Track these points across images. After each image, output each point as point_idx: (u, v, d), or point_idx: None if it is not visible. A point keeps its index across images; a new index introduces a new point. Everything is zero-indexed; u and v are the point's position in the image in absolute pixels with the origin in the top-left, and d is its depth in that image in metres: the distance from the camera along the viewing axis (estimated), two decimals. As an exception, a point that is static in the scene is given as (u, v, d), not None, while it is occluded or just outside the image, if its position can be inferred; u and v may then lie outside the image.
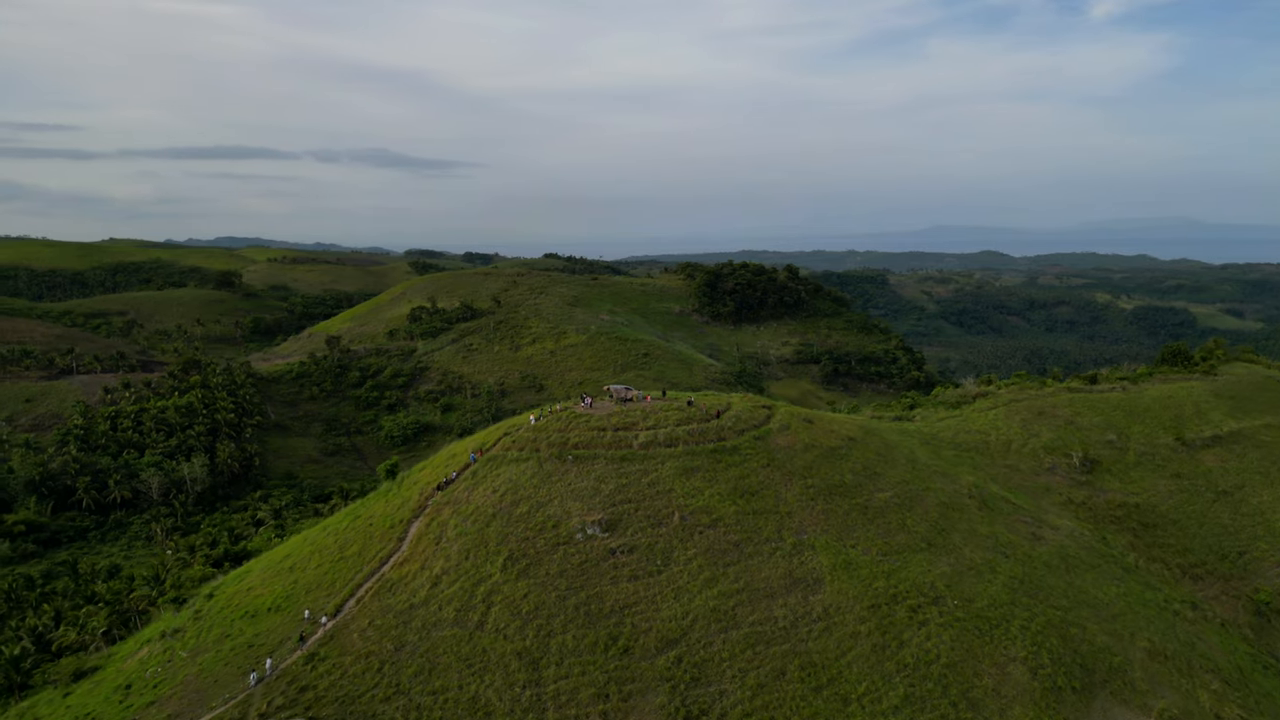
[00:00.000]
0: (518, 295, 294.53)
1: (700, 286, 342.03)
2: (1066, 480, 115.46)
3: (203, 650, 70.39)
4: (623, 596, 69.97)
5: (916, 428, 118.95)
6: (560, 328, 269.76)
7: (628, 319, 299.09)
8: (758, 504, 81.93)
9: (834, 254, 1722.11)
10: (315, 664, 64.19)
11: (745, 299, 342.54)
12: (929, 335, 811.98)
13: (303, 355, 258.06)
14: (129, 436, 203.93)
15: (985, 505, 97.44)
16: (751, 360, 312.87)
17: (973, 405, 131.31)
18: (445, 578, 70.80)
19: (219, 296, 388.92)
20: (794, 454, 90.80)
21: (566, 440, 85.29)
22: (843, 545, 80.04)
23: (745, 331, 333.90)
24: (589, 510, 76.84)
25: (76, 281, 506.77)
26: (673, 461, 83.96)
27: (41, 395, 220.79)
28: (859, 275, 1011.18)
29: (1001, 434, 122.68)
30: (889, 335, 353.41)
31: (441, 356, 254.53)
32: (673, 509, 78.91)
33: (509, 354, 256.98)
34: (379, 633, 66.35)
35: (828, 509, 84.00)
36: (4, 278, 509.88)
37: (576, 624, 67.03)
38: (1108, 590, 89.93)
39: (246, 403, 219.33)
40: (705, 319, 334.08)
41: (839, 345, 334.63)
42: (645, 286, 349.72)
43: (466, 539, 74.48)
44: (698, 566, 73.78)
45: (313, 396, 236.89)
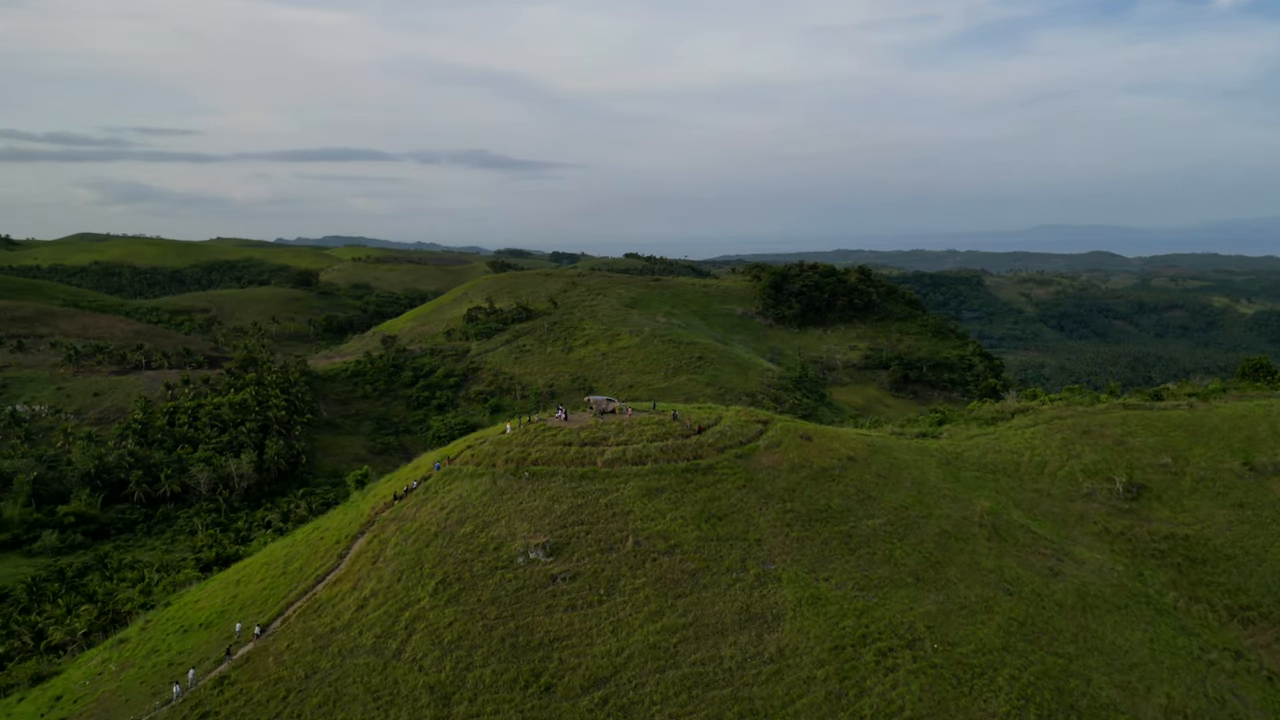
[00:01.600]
0: (575, 296, 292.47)
1: (765, 288, 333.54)
2: (1106, 508, 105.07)
3: (130, 665, 68.91)
4: (556, 628, 65.28)
5: (939, 446, 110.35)
6: (614, 329, 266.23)
7: (686, 321, 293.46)
8: (724, 529, 76.03)
9: (932, 254, 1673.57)
10: (224, 688, 61.63)
11: (812, 301, 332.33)
12: (1025, 339, 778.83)
13: (360, 354, 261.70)
14: (185, 432, 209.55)
15: (997, 534, 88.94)
16: (815, 365, 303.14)
17: (1010, 422, 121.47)
18: (373, 600, 67.44)
19: (296, 295, 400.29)
20: (777, 474, 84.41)
21: (527, 455, 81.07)
22: (814, 578, 73.46)
23: (810, 335, 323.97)
24: (535, 532, 72.41)
25: (175, 279, 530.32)
26: (637, 481, 78.78)
27: (109, 390, 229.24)
28: (952, 276, 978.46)
29: (1037, 454, 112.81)
30: (965, 340, 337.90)
31: (494, 357, 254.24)
32: (628, 533, 73.77)
33: (561, 355, 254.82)
34: (294, 657, 63.38)
35: (804, 536, 77.44)
36: (110, 275, 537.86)
37: (499, 657, 62.68)
38: (1130, 635, 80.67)
39: (299, 400, 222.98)
40: (769, 321, 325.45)
41: (910, 350, 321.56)
42: (708, 288, 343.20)
43: (404, 559, 71.02)
44: (644, 598, 68.49)
45: (365, 395, 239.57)
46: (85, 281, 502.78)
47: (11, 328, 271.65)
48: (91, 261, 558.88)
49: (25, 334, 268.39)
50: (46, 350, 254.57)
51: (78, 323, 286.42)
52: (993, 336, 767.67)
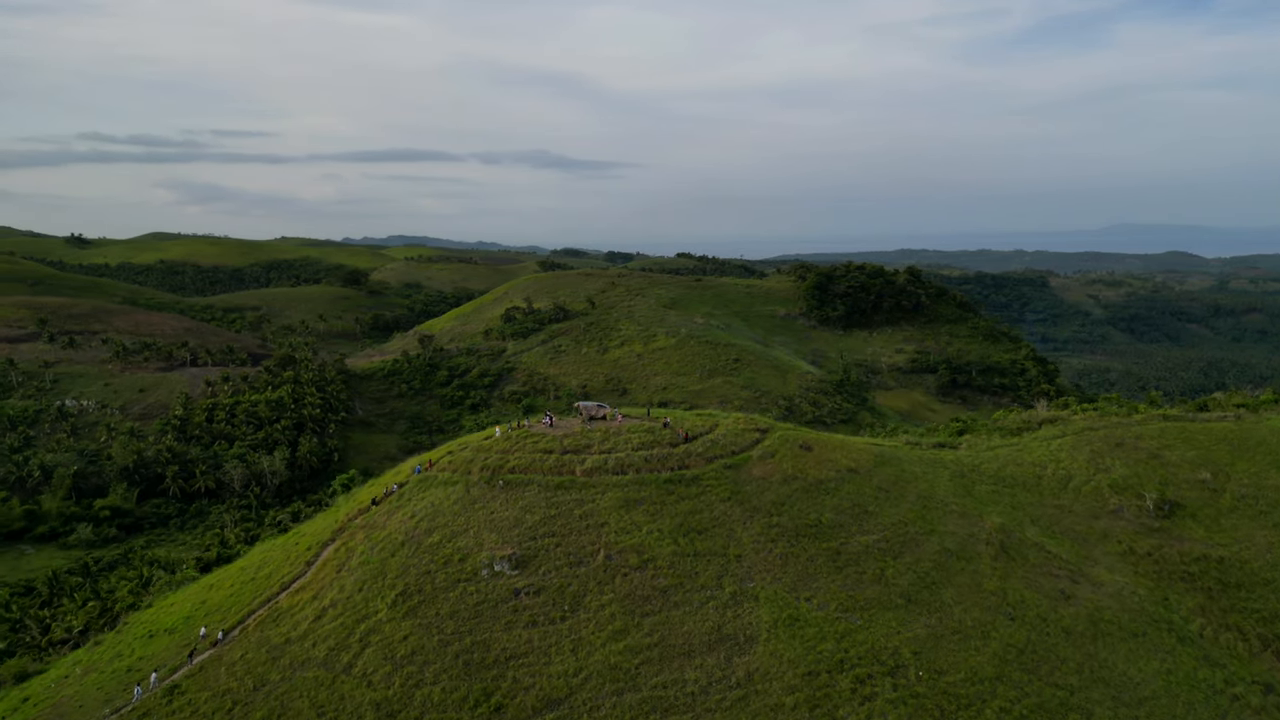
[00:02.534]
0: (614, 297, 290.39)
1: (809, 288, 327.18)
2: (1133, 526, 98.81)
3: (94, 668, 68.56)
4: (514, 645, 62.90)
5: (956, 457, 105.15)
6: (651, 330, 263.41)
7: (726, 322, 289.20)
8: (703, 544, 72.79)
9: (999, 254, 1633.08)
10: (174, 697, 60.64)
11: (857, 302, 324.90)
12: (1092, 343, 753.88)
13: (399, 353, 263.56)
14: (222, 428, 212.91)
15: (1005, 553, 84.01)
16: (859, 368, 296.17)
17: (1036, 432, 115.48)
18: (331, 611, 65.90)
19: (345, 293, 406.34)
20: (767, 486, 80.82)
21: (505, 463, 78.88)
22: (795, 597, 69.82)
23: (856, 337, 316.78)
24: (503, 544, 70.15)
25: (235, 277, 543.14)
26: (615, 491, 75.99)
27: (154, 386, 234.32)
28: (1015, 277, 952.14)
29: (1062, 467, 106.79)
30: (1018, 344, 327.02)
31: (529, 357, 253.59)
32: (599, 546, 71.06)
33: (596, 356, 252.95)
34: (245, 668, 62.13)
35: (789, 553, 73.78)
36: (174, 273, 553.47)
37: (451, 674, 60.52)
38: (1145, 665, 75.30)
39: (334, 398, 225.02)
40: (812, 323, 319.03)
41: (960, 354, 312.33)
42: (750, 288, 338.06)
43: (368, 568, 69.39)
44: (609, 615, 65.70)
45: (401, 394, 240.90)
46: (149, 279, 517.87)
47: (67, 324, 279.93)
48: (157, 260, 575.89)
49: (80, 330, 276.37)
50: (98, 347, 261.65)
51: (130, 320, 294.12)
52: (1057, 340, 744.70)
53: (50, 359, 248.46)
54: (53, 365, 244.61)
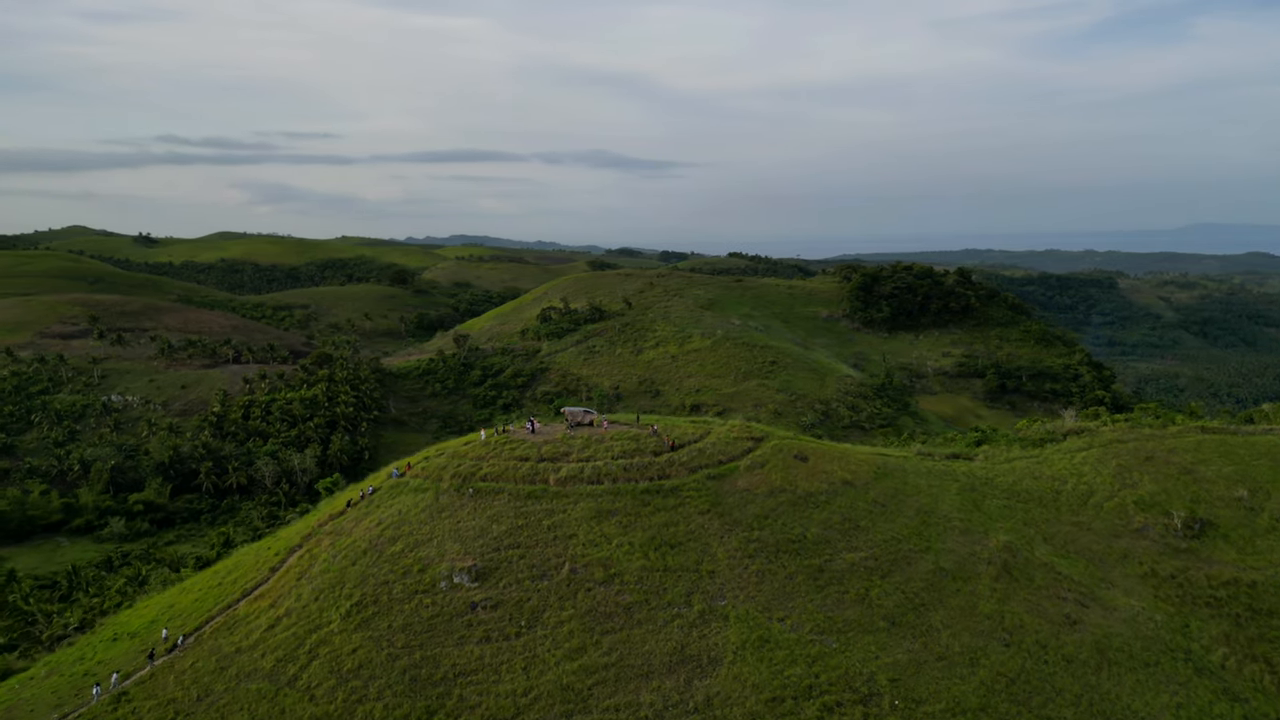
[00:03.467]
0: (651, 297, 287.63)
1: (854, 289, 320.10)
2: (1158, 546, 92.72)
3: (57, 670, 68.35)
4: (464, 662, 60.74)
5: (968, 469, 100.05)
6: (686, 331, 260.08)
7: (765, 323, 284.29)
8: (675, 559, 69.77)
9: (1068, 254, 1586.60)
10: (120, 705, 59.87)
11: (903, 304, 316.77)
12: (1162, 347, 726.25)
13: (434, 352, 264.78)
14: (257, 425, 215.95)
15: (1007, 574, 79.23)
16: (903, 372, 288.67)
17: (1060, 444, 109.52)
18: (285, 620, 64.53)
19: (391, 292, 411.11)
20: (752, 499, 77.38)
21: (477, 470, 76.83)
22: (767, 617, 66.38)
23: (901, 340, 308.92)
24: (465, 554, 68.08)
25: (291, 276, 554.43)
26: (588, 502, 73.38)
27: (196, 383, 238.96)
28: (1082, 278, 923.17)
29: (1084, 481, 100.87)
30: (1072, 349, 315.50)
31: (563, 358, 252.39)
32: (565, 559, 68.53)
33: (630, 357, 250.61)
34: (193, 677, 61.08)
35: (766, 570, 70.33)
36: (234, 271, 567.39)
37: (396, 690, 58.61)
38: (1154, 699, 70.16)
39: (367, 397, 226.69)
40: (856, 325, 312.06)
41: (1010, 358, 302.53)
42: (792, 289, 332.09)
43: (328, 576, 67.95)
44: (568, 632, 63.14)
45: (434, 393, 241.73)
46: (209, 278, 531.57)
47: (120, 321, 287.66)
48: (218, 259, 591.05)
49: (131, 327, 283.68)
50: (146, 344, 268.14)
51: (180, 317, 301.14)
52: (1125, 344, 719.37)
53: (99, 355, 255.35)
54: (101, 361, 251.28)
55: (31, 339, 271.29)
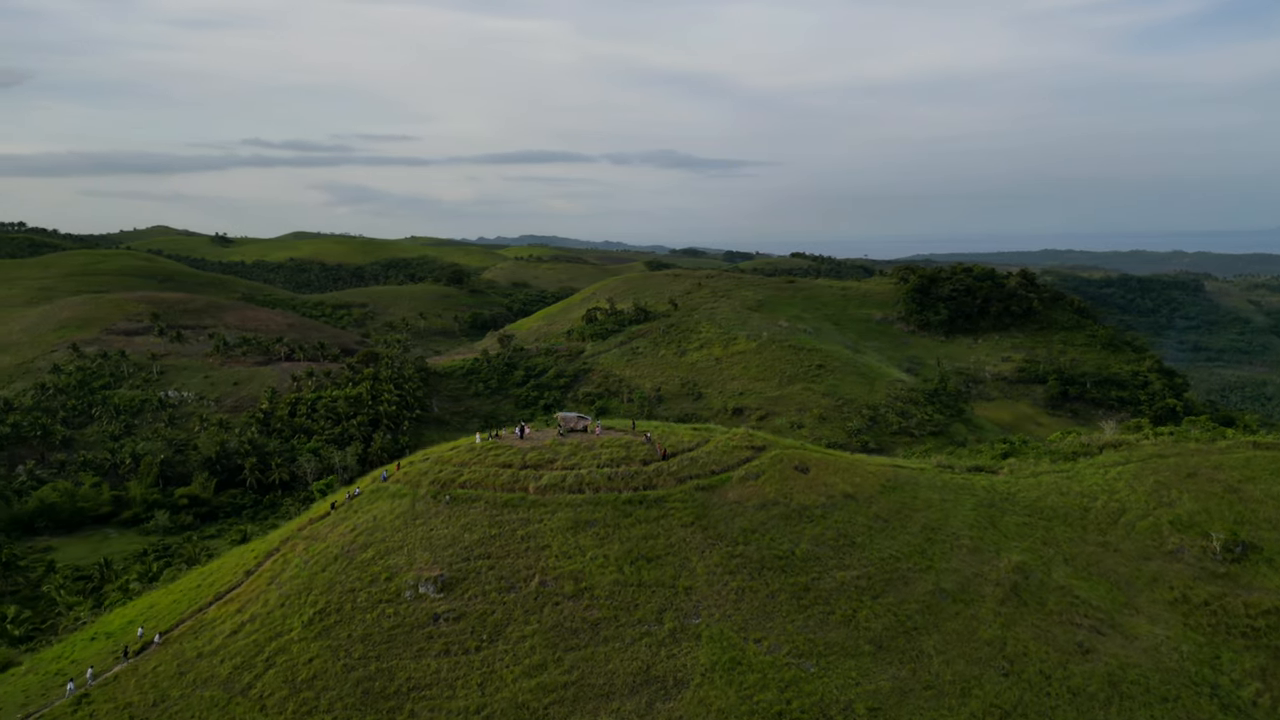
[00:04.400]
0: (698, 298, 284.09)
1: (910, 291, 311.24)
2: (1193, 570, 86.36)
3: (36, 668, 68.94)
4: (420, 675, 59.09)
5: (989, 483, 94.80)
6: (731, 333, 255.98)
7: (815, 326, 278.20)
8: (651, 573, 67.05)
9: (1154, 255, 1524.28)
10: (81, 706, 59.81)
11: (961, 306, 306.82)
12: (1251, 353, 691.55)
13: (480, 352, 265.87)
14: (302, 422, 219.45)
15: (1016, 596, 74.45)
16: (959, 376, 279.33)
17: (1095, 458, 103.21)
18: (249, 626, 63.80)
19: (447, 292, 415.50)
20: (741, 512, 74.13)
21: (458, 476, 75.23)
22: (743, 637, 63.21)
23: (958, 344, 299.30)
24: (434, 564, 66.48)
25: (356, 275, 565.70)
26: (566, 512, 71.13)
27: (248, 380, 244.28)
28: (1165, 280, 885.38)
29: (1116, 498, 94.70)
30: (1142, 355, 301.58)
31: (607, 359, 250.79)
32: (535, 571, 66.40)
33: (674, 359, 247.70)
34: (153, 681, 60.72)
35: (747, 587, 67.10)
36: (302, 270, 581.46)
37: (347, 704, 57.24)
38: (1169, 739, 64.95)
39: (410, 396, 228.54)
40: (911, 328, 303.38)
41: (1074, 364, 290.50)
42: (846, 290, 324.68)
43: (296, 582, 67.07)
44: (530, 648, 60.99)
45: (477, 393, 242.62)
46: (278, 277, 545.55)
47: (182, 319, 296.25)
48: (287, 258, 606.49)
49: (192, 325, 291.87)
50: (204, 341, 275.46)
51: (239, 315, 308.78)
52: (1210, 349, 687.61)
53: (159, 352, 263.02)
54: (160, 358, 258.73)
55: (98, 335, 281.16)
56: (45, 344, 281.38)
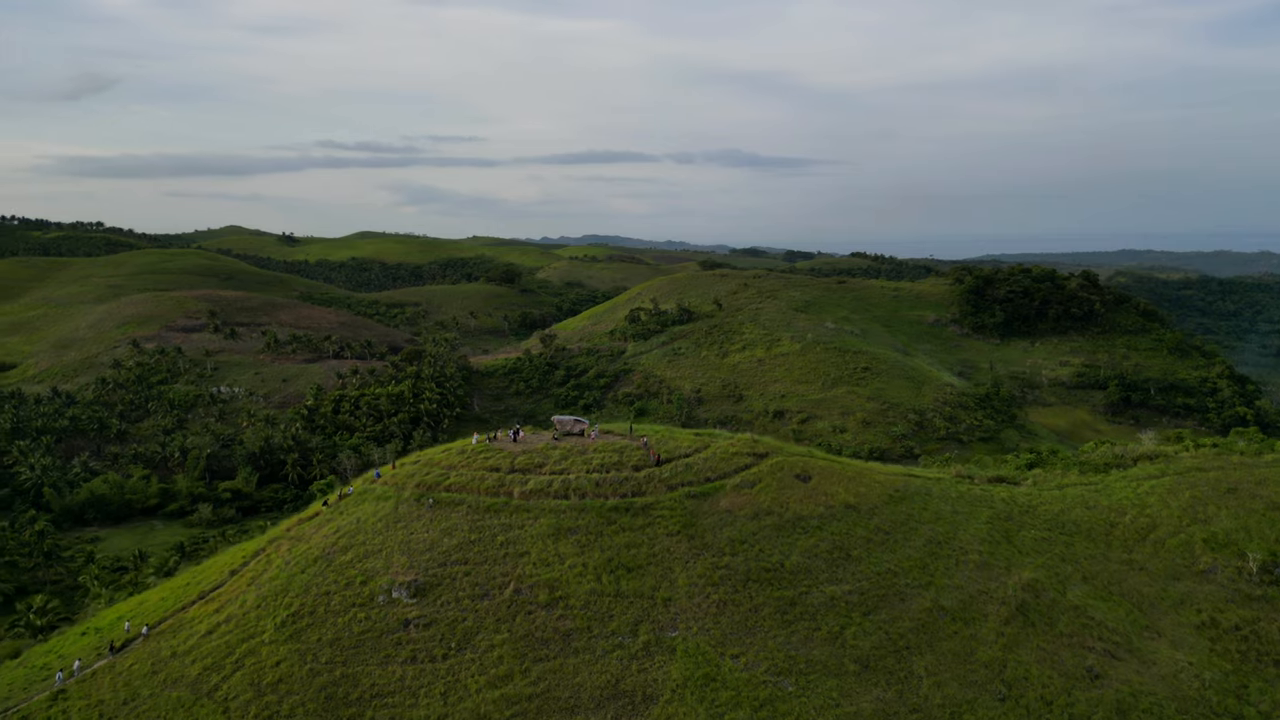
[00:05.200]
0: (744, 298, 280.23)
1: (964, 293, 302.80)
2: (1225, 592, 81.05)
3: (25, 664, 70.09)
4: (385, 682, 58.21)
5: (1009, 495, 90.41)
6: (775, 335, 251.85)
7: (863, 327, 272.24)
8: (629, 584, 65.17)
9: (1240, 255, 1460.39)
10: (57, 702, 60.43)
11: (1018, 309, 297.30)
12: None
13: (522, 351, 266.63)
14: (345, 419, 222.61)
15: (1022, 615, 70.59)
16: (1013, 381, 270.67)
17: (1127, 470, 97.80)
18: (224, 626, 63.75)
19: (498, 291, 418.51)
20: (730, 521, 71.71)
21: (444, 479, 74.34)
22: (719, 653, 60.94)
23: (1014, 347, 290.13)
24: (410, 568, 65.63)
25: (415, 274, 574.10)
26: (549, 518, 69.65)
27: (296, 376, 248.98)
28: (1249, 282, 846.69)
29: (1146, 513, 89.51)
30: (1211, 360, 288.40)
31: (648, 359, 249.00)
32: (511, 578, 65.06)
33: (715, 360, 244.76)
34: (127, 680, 61.02)
35: (729, 600, 64.76)
36: (363, 269, 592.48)
37: (309, 709, 56.64)
38: (1180, 775, 60.73)
39: (451, 395, 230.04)
40: (964, 331, 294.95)
41: (1137, 369, 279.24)
42: (898, 291, 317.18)
43: (275, 584, 66.88)
44: (497, 657, 59.67)
45: (518, 392, 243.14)
46: (339, 276, 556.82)
47: (239, 316, 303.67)
48: (349, 257, 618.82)
49: (247, 322, 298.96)
50: (256, 338, 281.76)
51: (294, 313, 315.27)
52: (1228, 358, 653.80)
53: (214, 348, 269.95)
54: (214, 354, 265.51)
55: (158, 332, 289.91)
56: (109, 340, 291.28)
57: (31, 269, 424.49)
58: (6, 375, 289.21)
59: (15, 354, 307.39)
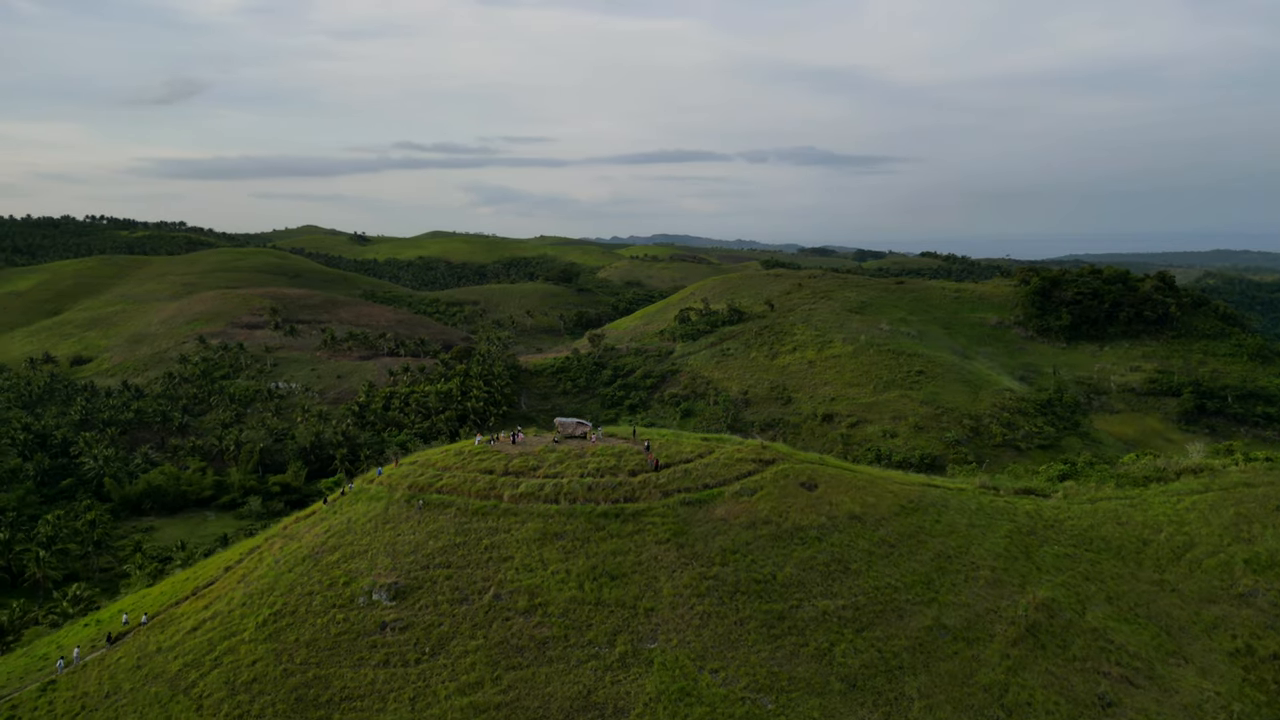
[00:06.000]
0: (796, 299, 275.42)
1: (1030, 294, 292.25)
2: (1264, 617, 75.51)
3: (30, 653, 71.83)
4: (356, 686, 57.76)
5: (1034, 508, 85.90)
6: (827, 336, 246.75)
7: (920, 329, 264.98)
8: (612, 592, 63.54)
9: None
10: (46, 692, 61.65)
11: (1086, 311, 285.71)
12: None
13: (570, 350, 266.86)
14: (395, 416, 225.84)
15: (1032, 637, 66.78)
16: (1079, 387, 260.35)
17: (1169, 485, 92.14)
18: (209, 623, 64.21)
19: (555, 290, 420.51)
20: (724, 530, 69.47)
21: (436, 481, 73.76)
22: (698, 666, 58.92)
23: (1081, 351, 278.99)
24: (393, 570, 65.16)
25: (479, 273, 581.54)
26: (536, 522, 68.47)
27: (350, 373, 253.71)
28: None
29: (1183, 531, 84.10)
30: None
31: (696, 360, 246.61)
32: (492, 584, 64.06)
33: (764, 361, 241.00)
34: (111, 673, 61.87)
35: (714, 612, 62.62)
36: (429, 268, 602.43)
37: (278, 710, 56.48)
38: (1194, 816, 56.57)
39: (498, 393, 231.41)
40: (1029, 334, 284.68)
41: (1214, 375, 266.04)
42: (960, 293, 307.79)
43: (263, 581, 67.14)
44: (469, 664, 58.71)
45: (565, 391, 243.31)
46: (406, 274, 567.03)
47: (301, 314, 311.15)
48: (416, 257, 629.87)
49: (309, 320, 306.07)
50: (315, 335, 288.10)
51: (353, 311, 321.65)
52: None
53: (274, 344, 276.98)
54: (274, 350, 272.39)
55: (224, 328, 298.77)
56: (178, 336, 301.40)
57: (114, 267, 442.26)
58: (83, 368, 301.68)
59: (93, 348, 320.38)
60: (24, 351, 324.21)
